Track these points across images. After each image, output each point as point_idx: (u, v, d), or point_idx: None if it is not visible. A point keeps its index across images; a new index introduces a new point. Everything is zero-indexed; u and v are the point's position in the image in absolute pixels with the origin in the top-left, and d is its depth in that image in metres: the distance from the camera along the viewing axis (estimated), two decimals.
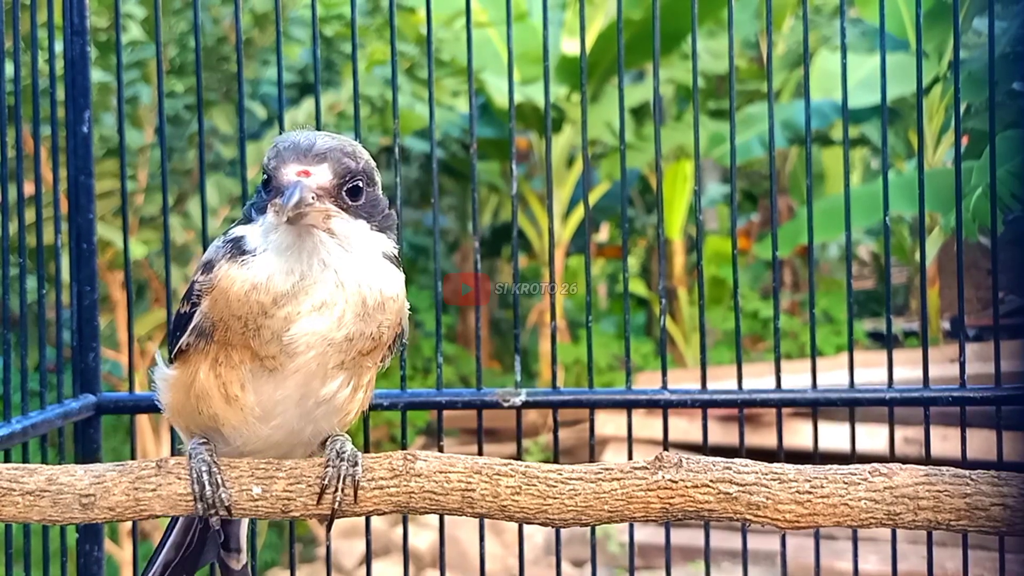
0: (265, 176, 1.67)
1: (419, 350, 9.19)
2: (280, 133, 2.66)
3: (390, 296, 1.70)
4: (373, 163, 1.74)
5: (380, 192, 1.75)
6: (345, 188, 1.66)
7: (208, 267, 1.70)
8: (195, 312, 1.70)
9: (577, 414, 3.54)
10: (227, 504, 1.70)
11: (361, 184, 1.68)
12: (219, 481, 1.70)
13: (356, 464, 1.71)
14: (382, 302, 1.68)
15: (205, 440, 1.75)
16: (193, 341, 1.71)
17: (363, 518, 2.16)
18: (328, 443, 1.75)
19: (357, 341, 1.67)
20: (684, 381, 7.54)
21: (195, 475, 1.70)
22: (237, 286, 1.65)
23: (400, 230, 2.63)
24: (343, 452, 1.73)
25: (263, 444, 1.77)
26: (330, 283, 1.65)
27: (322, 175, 1.64)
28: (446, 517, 2.07)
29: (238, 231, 1.71)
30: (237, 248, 1.68)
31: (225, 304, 1.65)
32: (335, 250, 1.66)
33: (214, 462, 1.71)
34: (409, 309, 1.81)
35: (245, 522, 2.04)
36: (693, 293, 10.31)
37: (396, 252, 1.75)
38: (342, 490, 1.70)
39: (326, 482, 1.70)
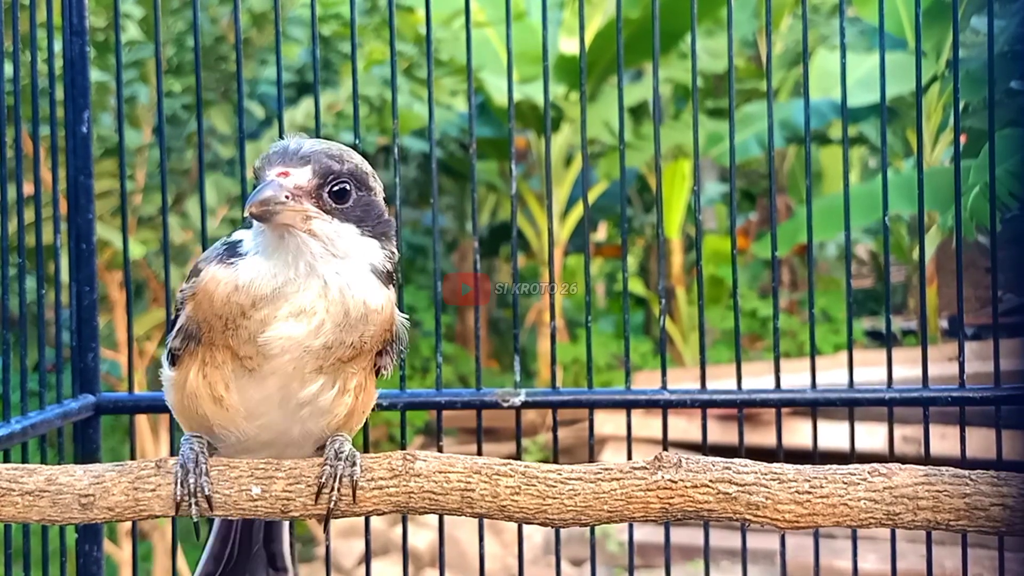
0: (255, 180, 1.68)
1: (418, 350, 9.19)
2: (279, 133, 2.66)
3: (374, 308, 1.69)
4: (367, 168, 1.73)
5: (377, 198, 1.73)
6: (328, 190, 1.66)
7: (195, 272, 1.72)
8: (180, 315, 1.73)
9: (576, 413, 3.55)
10: (207, 493, 1.70)
11: (348, 187, 1.68)
12: (203, 470, 1.71)
13: (354, 464, 1.72)
14: (365, 313, 1.68)
15: (199, 435, 1.76)
16: (181, 344, 1.73)
17: (362, 518, 2.16)
18: (328, 443, 1.76)
19: (336, 349, 1.68)
20: (683, 380, 7.55)
21: (181, 461, 1.71)
22: (221, 287, 1.66)
23: (400, 232, 2.63)
24: (341, 452, 1.73)
25: (254, 444, 1.79)
26: (313, 291, 1.65)
27: (301, 176, 1.64)
28: (445, 517, 2.07)
29: (237, 235, 1.74)
30: (230, 251, 1.70)
31: (209, 304, 1.67)
32: (321, 254, 1.66)
33: (202, 452, 1.72)
34: (409, 313, 1.82)
35: (287, 540, 2.03)
36: (692, 292, 10.32)
37: (390, 259, 1.74)
38: (339, 489, 1.71)
39: (323, 481, 1.71)
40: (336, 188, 1.67)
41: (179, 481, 1.70)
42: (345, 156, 1.69)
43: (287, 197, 1.62)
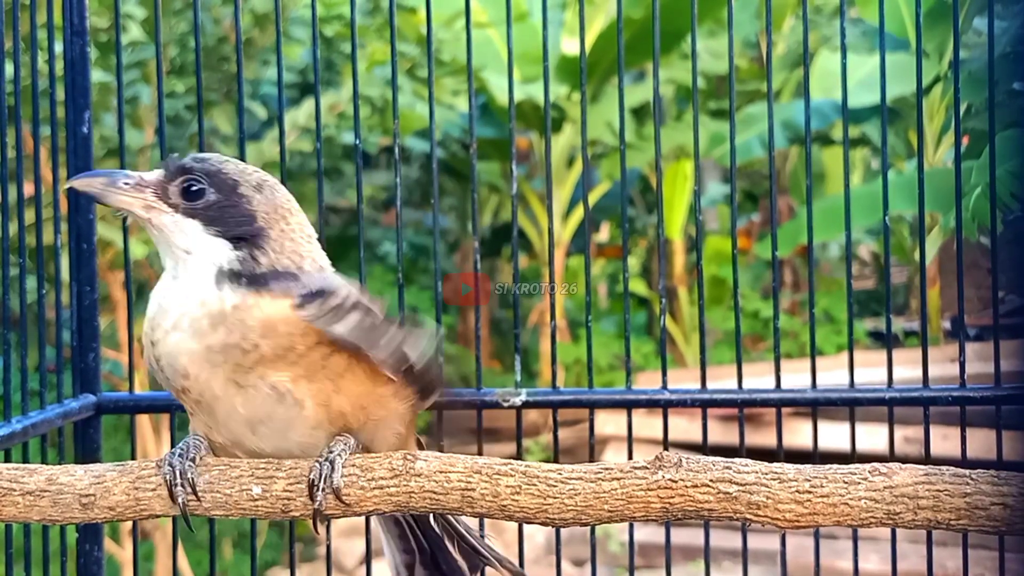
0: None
1: None
2: (280, 133, 2.66)
3: (234, 303, 1.64)
4: (239, 175, 1.72)
5: (247, 203, 1.70)
6: (179, 186, 1.71)
7: None
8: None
9: (577, 414, 3.55)
10: (190, 478, 1.68)
11: (202, 186, 1.69)
12: (188, 455, 1.70)
13: (333, 468, 1.69)
14: (228, 310, 1.64)
15: (199, 435, 1.76)
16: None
17: (363, 518, 2.16)
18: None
19: (231, 352, 1.63)
20: (684, 381, 7.54)
21: (172, 450, 1.72)
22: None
23: (401, 231, 2.63)
24: (328, 454, 1.71)
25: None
26: (176, 293, 1.68)
27: (149, 175, 1.74)
28: None
29: None
30: None
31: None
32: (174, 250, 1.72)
33: (195, 445, 1.72)
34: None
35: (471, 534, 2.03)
36: (693, 293, 10.31)
37: (245, 262, 1.68)
38: (323, 491, 1.69)
39: (311, 477, 1.69)
40: (186, 185, 1.70)
41: (166, 462, 1.69)
42: (211, 159, 1.71)
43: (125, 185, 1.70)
